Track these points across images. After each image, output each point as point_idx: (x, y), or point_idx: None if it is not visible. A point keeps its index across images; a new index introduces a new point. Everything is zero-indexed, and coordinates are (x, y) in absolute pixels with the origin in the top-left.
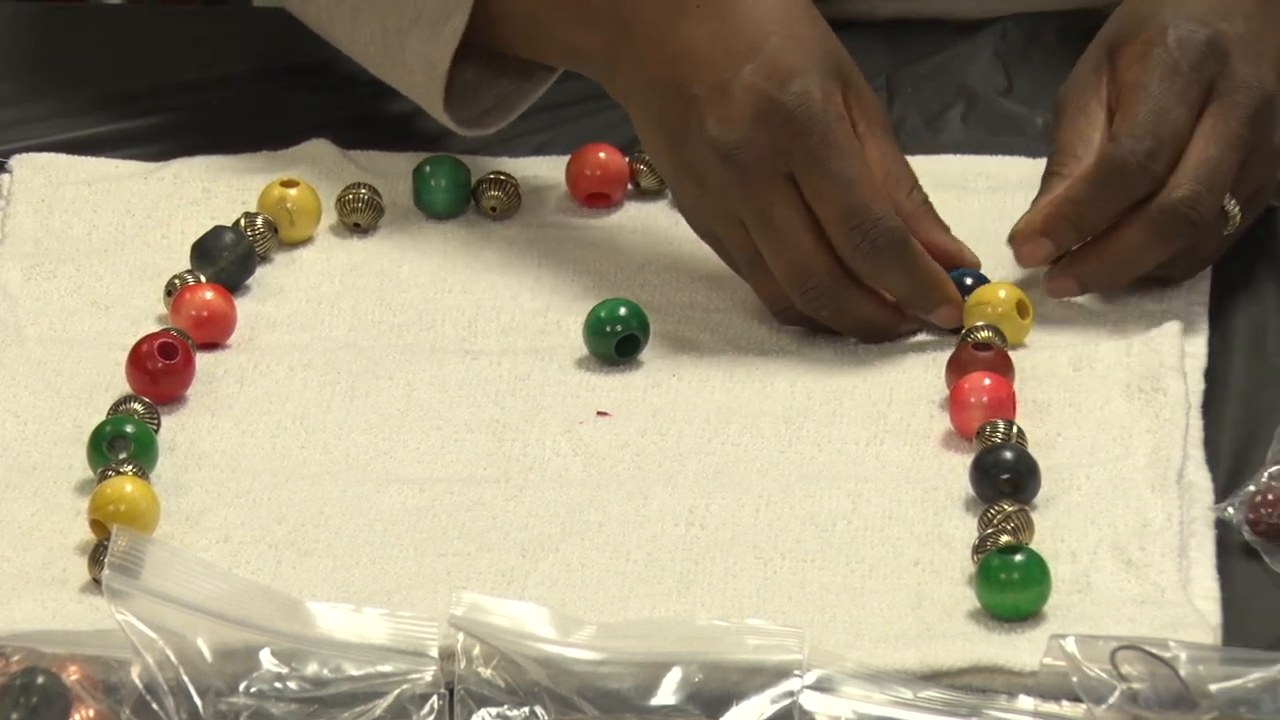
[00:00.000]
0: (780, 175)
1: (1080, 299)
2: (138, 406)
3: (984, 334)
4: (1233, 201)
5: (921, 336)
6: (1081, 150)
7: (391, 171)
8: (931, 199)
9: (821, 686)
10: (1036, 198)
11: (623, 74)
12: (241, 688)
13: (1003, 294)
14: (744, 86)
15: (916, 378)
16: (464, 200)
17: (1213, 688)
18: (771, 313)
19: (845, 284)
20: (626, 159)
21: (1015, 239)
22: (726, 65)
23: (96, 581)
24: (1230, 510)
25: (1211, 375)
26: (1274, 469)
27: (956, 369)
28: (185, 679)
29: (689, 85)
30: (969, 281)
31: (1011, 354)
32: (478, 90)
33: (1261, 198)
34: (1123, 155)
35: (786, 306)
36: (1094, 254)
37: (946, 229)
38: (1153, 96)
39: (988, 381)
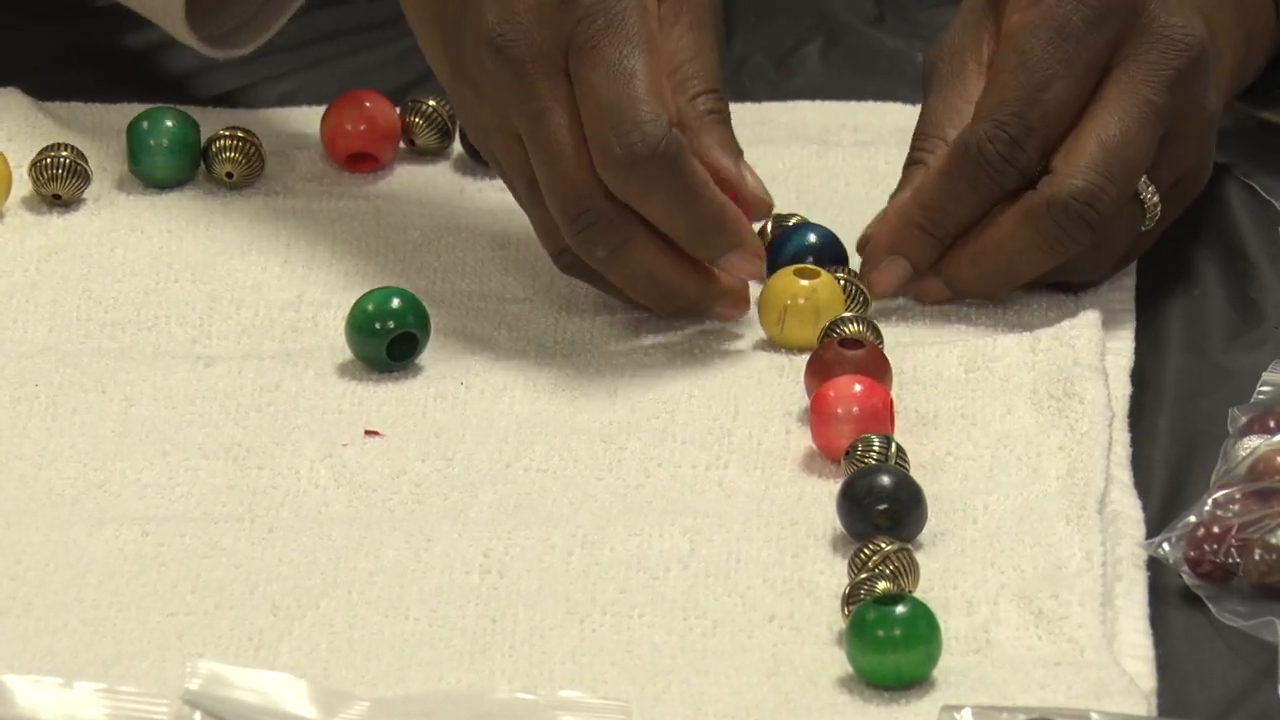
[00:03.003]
0: (561, 73)
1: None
2: None
3: (852, 328)
4: (1150, 189)
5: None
6: (951, 130)
7: (100, 128)
8: (785, 156)
9: None
10: (892, 195)
11: None
12: None
13: (805, 282)
14: None
15: (769, 384)
16: (192, 164)
17: None
18: (549, 254)
19: (627, 218)
20: (397, 110)
21: (865, 261)
22: None
23: None
24: (1165, 547)
25: (1140, 377)
26: (1219, 495)
27: (819, 372)
28: None
29: None
30: (812, 239)
31: (889, 352)
32: None
33: (1193, 181)
34: (978, 143)
35: (565, 247)
36: (968, 258)
37: (732, 150)
38: (1028, 65)
39: (858, 388)
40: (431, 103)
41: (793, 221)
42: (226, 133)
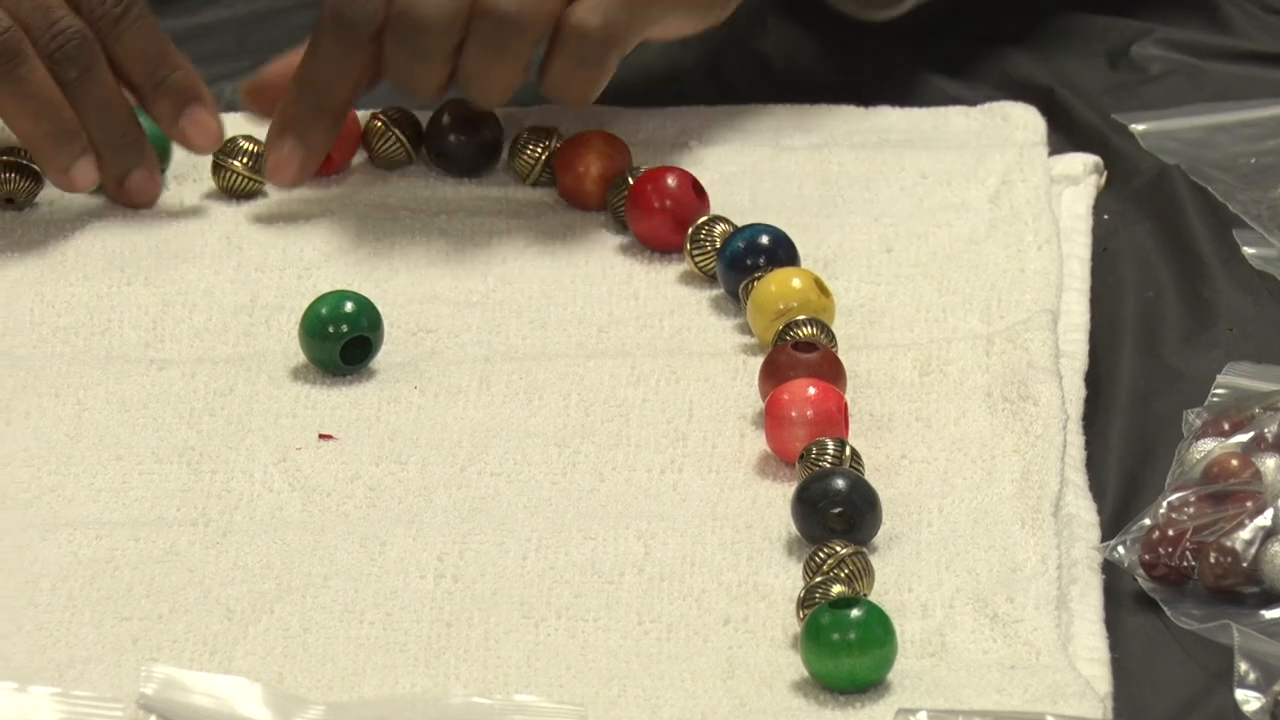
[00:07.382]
0: None
1: (925, 276)
2: None
3: (807, 330)
4: None
5: (729, 334)
6: None
7: None
8: (738, 159)
9: None
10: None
11: None
12: None
13: (796, 282)
14: None
15: (723, 387)
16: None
17: None
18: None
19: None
20: (360, 116)
21: (267, 152)
22: None
23: None
24: (1120, 550)
25: (1094, 379)
26: (1174, 498)
27: (773, 375)
28: None
29: None
30: (765, 240)
31: (843, 355)
32: None
33: None
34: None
35: None
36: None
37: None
38: None
39: (813, 391)
40: (395, 114)
41: (719, 227)
42: None
